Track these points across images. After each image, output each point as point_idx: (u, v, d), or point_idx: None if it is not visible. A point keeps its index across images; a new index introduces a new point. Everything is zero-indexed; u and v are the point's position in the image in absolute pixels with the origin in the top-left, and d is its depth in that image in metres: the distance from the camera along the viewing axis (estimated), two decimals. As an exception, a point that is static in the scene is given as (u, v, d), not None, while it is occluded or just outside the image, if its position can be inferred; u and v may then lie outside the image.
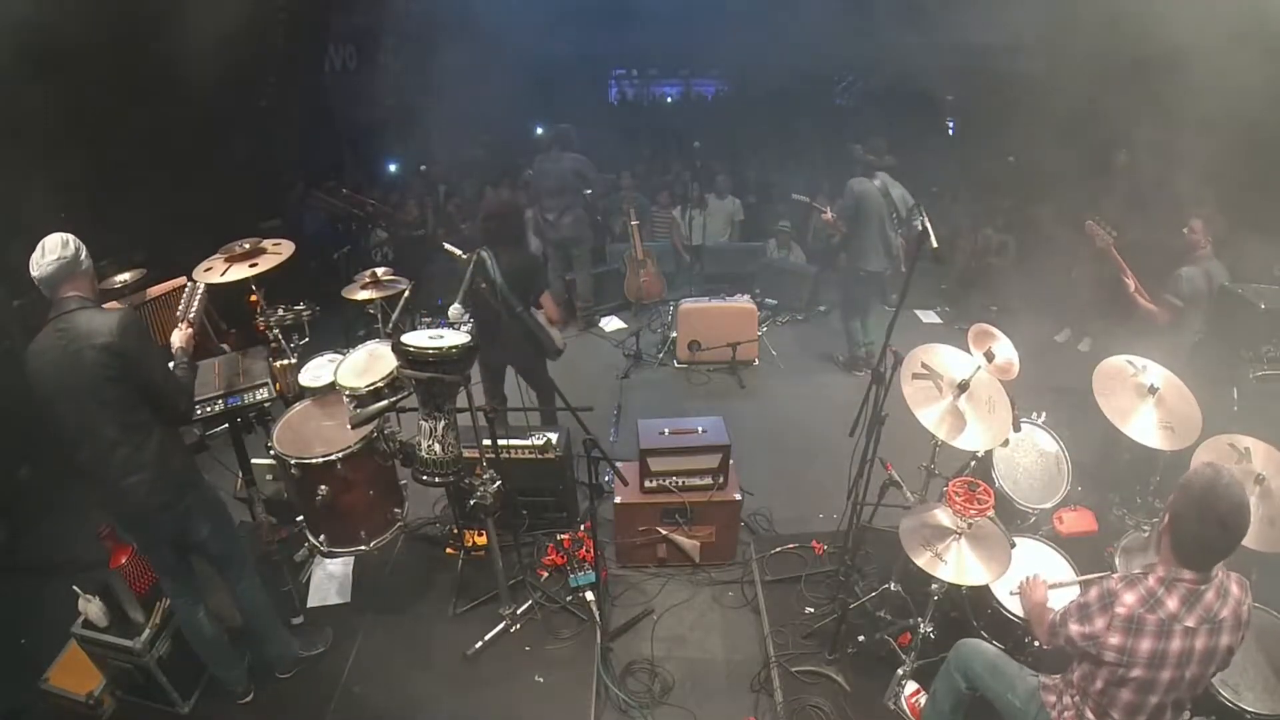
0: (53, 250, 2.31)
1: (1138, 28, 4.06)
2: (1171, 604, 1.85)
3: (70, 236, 2.36)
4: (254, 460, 3.32)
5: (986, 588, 2.65)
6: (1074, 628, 1.99)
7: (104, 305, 2.43)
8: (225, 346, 3.67)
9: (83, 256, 2.37)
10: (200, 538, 2.64)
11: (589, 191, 6.04)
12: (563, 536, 3.54)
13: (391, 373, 2.89)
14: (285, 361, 3.37)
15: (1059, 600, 2.55)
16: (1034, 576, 2.48)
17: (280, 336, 3.35)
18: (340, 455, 2.93)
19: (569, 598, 3.33)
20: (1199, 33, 3.66)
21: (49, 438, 2.42)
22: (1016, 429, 2.85)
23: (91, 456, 2.39)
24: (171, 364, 2.57)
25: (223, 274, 3.00)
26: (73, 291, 2.33)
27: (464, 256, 2.90)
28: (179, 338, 2.64)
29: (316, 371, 3.29)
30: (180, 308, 2.76)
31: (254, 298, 3.27)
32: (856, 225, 5.10)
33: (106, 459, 2.38)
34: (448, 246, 3.03)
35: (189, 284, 2.86)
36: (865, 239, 5.12)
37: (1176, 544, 1.87)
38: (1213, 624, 1.86)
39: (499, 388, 4.03)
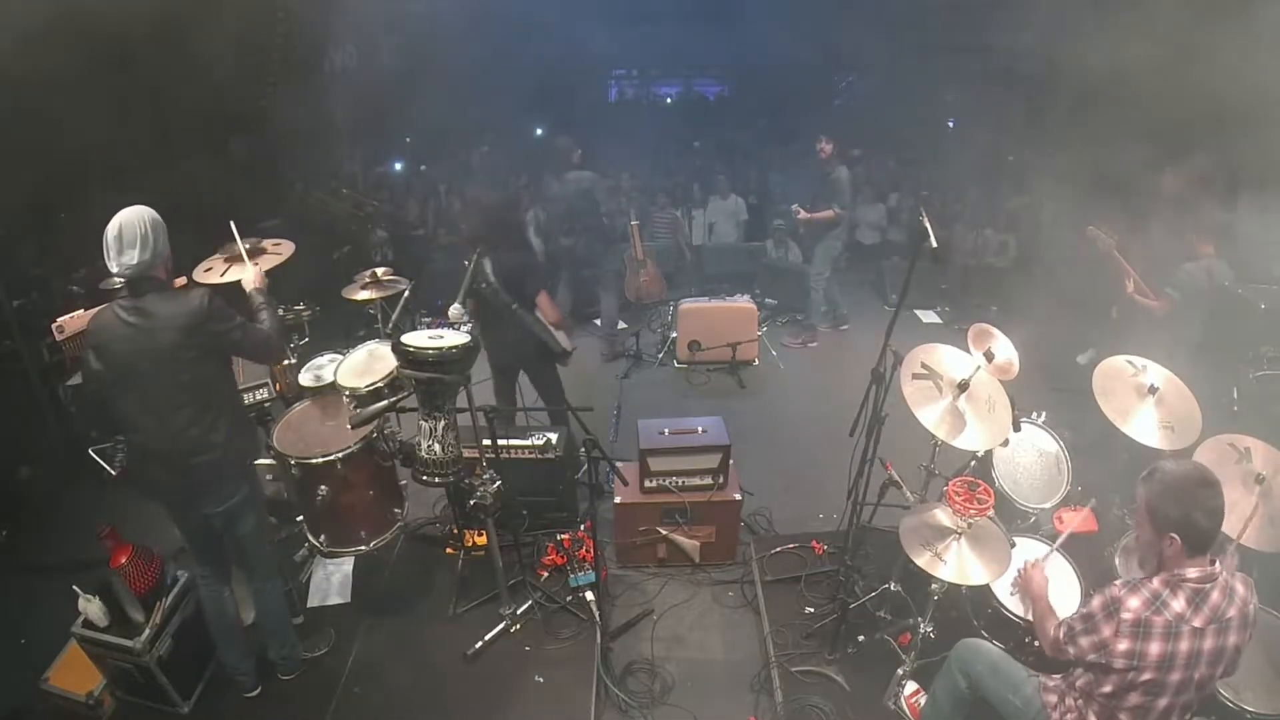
0: (131, 244, 2.22)
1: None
2: (1178, 605, 1.85)
3: (149, 230, 2.26)
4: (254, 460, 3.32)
5: (986, 587, 2.65)
6: (1082, 640, 1.97)
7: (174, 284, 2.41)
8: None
9: (160, 246, 2.30)
10: (242, 531, 2.66)
11: (603, 213, 6.02)
12: (563, 536, 3.53)
13: (391, 373, 2.89)
14: (285, 361, 3.37)
15: (1058, 588, 2.55)
16: (1028, 564, 2.47)
17: (280, 336, 3.35)
18: (340, 455, 2.93)
19: (569, 598, 3.33)
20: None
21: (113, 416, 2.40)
22: (1016, 429, 2.85)
23: (158, 436, 2.38)
24: (260, 312, 2.57)
25: (223, 274, 2.99)
26: (148, 276, 2.30)
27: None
28: (252, 276, 2.54)
29: (316, 371, 3.29)
30: (239, 247, 2.64)
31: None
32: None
33: (176, 439, 2.38)
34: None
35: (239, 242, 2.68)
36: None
37: (1193, 545, 1.84)
38: (1220, 623, 1.85)
39: (510, 389, 4.00)
